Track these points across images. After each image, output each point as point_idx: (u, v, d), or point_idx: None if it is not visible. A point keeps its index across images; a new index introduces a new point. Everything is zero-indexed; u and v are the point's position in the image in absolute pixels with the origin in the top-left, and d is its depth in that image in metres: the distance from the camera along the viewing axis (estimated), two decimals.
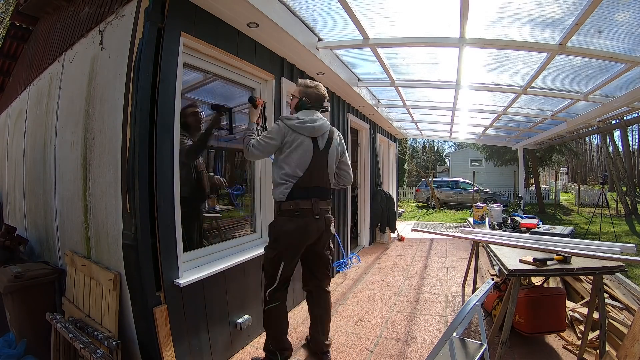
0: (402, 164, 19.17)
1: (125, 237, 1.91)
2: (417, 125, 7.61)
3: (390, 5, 2.54)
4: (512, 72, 3.56)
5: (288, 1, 2.54)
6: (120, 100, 1.95)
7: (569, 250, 2.30)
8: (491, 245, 2.64)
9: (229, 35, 2.44)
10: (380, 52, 3.31)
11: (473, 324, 2.77)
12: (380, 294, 3.70)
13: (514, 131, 7.19)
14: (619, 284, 3.33)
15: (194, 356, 2.09)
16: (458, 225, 9.59)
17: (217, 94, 2.79)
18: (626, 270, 2.10)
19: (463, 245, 6.09)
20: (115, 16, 2.13)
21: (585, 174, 31.97)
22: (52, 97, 2.95)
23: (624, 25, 2.43)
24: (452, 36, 2.78)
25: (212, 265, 2.29)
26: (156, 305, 1.86)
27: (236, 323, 2.46)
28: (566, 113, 4.86)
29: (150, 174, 1.85)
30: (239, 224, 2.94)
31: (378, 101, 5.62)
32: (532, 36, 2.70)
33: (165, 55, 1.91)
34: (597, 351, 2.21)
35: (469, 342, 1.77)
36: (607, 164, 15.14)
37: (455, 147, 28.19)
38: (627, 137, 18.52)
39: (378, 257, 5.42)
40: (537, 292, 2.53)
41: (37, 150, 3.25)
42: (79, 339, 1.89)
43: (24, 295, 2.44)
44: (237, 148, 3.01)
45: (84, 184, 2.36)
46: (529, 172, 16.02)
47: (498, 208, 3.60)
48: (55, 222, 2.87)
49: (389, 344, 2.61)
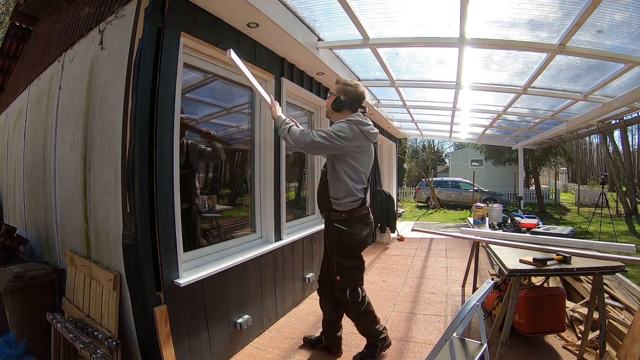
0: (402, 164, 19.17)
1: (125, 237, 1.91)
2: (417, 125, 7.61)
3: (390, 5, 2.53)
4: (512, 72, 3.56)
5: (288, 1, 2.54)
6: (120, 100, 1.95)
7: (569, 250, 2.30)
8: (491, 245, 2.64)
9: (229, 35, 2.44)
10: (380, 52, 3.31)
11: (473, 324, 2.77)
12: (380, 294, 3.70)
13: (514, 131, 7.19)
14: (619, 284, 3.33)
15: (194, 356, 2.09)
16: (458, 225, 9.59)
17: (217, 94, 2.79)
18: (626, 270, 2.10)
19: (463, 245, 6.09)
20: (115, 16, 2.13)
21: (585, 174, 31.98)
22: (52, 97, 2.95)
23: (624, 25, 2.43)
24: (452, 36, 2.78)
25: (212, 265, 2.29)
26: (156, 305, 1.86)
27: (236, 323, 2.46)
28: (566, 113, 4.85)
29: (150, 174, 1.85)
30: (239, 224, 2.94)
31: (378, 101, 5.62)
32: (532, 36, 2.69)
33: (165, 55, 1.91)
34: (597, 351, 2.21)
35: (469, 342, 1.77)
36: (607, 164, 15.13)
37: (455, 147, 28.21)
38: (627, 137, 18.56)
39: (378, 257, 5.42)
40: (537, 292, 2.53)
41: (37, 150, 3.25)
42: (79, 339, 1.89)
43: (24, 295, 2.44)
44: (237, 148, 3.01)
45: (84, 184, 2.36)
46: (528, 172, 16.02)
47: (498, 208, 3.60)
48: (55, 222, 2.87)
49: None
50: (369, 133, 2.17)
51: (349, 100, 2.20)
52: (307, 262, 3.58)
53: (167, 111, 1.94)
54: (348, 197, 2.13)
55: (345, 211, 2.14)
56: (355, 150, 2.12)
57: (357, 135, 2.10)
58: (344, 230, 2.15)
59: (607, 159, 13.95)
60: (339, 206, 2.15)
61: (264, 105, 2.82)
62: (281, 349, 2.53)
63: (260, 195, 2.97)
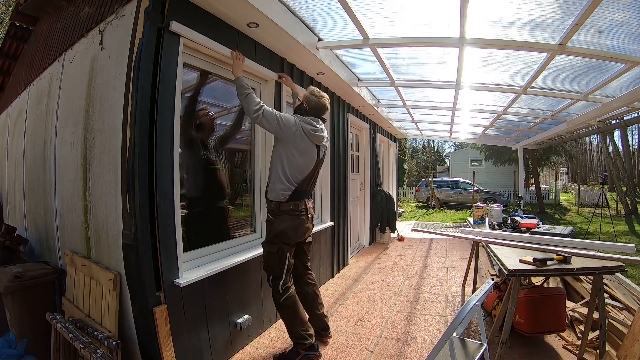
0: (402, 164, 19.17)
1: (125, 237, 1.91)
2: (417, 125, 7.61)
3: (390, 5, 2.53)
4: (512, 72, 3.55)
5: (288, 1, 2.54)
6: (120, 100, 1.95)
7: (569, 250, 2.30)
8: (491, 245, 2.64)
9: (229, 35, 2.43)
10: (380, 52, 3.31)
11: (473, 324, 2.77)
12: (380, 294, 3.70)
13: (514, 131, 7.19)
14: (619, 284, 3.33)
15: (194, 356, 2.09)
16: (458, 225, 9.59)
17: (217, 94, 2.79)
18: (626, 270, 2.10)
19: (463, 245, 6.09)
20: (115, 16, 2.13)
21: (585, 174, 31.98)
22: (52, 97, 2.95)
23: (624, 25, 2.43)
24: (452, 36, 2.78)
25: (212, 265, 2.29)
26: (156, 305, 1.86)
27: (236, 323, 2.46)
28: (566, 113, 4.86)
29: (150, 174, 1.85)
30: (239, 224, 2.94)
31: (378, 101, 5.62)
32: (532, 36, 2.69)
33: (165, 55, 1.91)
34: (597, 351, 2.21)
35: (469, 342, 1.77)
36: (607, 164, 15.13)
37: (455, 147, 28.21)
38: (627, 137, 18.53)
39: (378, 257, 5.42)
40: (537, 292, 2.53)
41: (37, 150, 3.25)
42: (79, 339, 1.89)
43: (24, 295, 2.44)
44: (237, 148, 3.01)
45: (84, 184, 2.36)
46: (528, 172, 16.02)
47: (498, 208, 3.60)
48: (55, 222, 2.87)
49: (389, 344, 2.61)
50: (310, 132, 2.29)
51: (309, 108, 2.41)
52: None
53: (167, 111, 1.93)
54: (276, 189, 2.28)
55: (274, 202, 2.31)
56: (292, 143, 2.25)
57: (298, 129, 2.25)
58: (270, 219, 2.35)
59: (607, 159, 13.95)
60: (270, 195, 2.33)
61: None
62: (281, 349, 2.53)
63: (261, 195, 2.97)
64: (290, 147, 2.26)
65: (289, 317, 2.35)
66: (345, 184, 4.80)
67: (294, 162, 2.27)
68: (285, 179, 2.27)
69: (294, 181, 2.28)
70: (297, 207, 2.31)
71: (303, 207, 2.35)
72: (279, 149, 2.31)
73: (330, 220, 4.22)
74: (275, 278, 2.31)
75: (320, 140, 2.37)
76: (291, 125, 2.25)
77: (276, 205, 2.30)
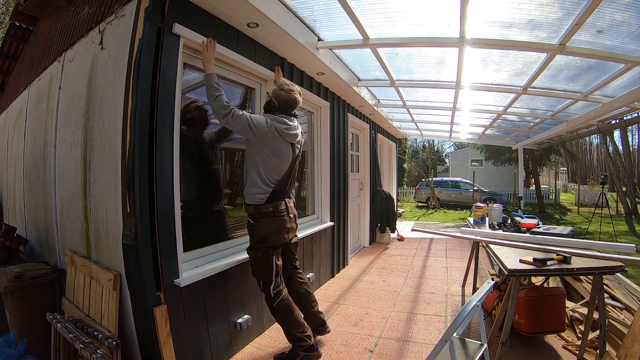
0: (402, 164, 19.17)
1: (125, 237, 1.91)
2: (417, 125, 7.61)
3: (390, 5, 2.53)
4: (512, 72, 3.55)
5: (288, 1, 2.54)
6: (120, 100, 1.95)
7: (569, 250, 2.30)
8: (491, 245, 2.64)
9: (228, 35, 2.43)
10: (380, 52, 3.31)
11: (473, 324, 2.77)
12: (380, 294, 3.70)
13: (514, 131, 7.19)
14: (619, 284, 3.33)
15: (194, 356, 2.09)
16: (458, 225, 9.59)
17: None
18: (626, 270, 2.10)
19: (463, 245, 6.09)
20: (115, 16, 2.13)
21: (585, 174, 31.97)
22: (52, 97, 2.95)
23: (624, 25, 2.43)
24: (452, 36, 2.78)
25: (212, 265, 2.29)
26: (156, 305, 1.86)
27: (236, 323, 2.46)
28: (566, 113, 4.86)
29: (150, 174, 1.85)
30: (239, 224, 2.94)
31: (378, 101, 5.62)
32: (532, 36, 2.69)
33: (165, 55, 1.91)
34: (597, 351, 2.21)
35: (469, 342, 1.77)
36: (607, 164, 15.14)
37: (455, 147, 28.21)
38: (627, 137, 18.55)
39: (378, 257, 5.42)
40: (537, 292, 2.53)
41: (37, 150, 3.25)
42: (79, 339, 1.89)
43: (24, 295, 2.44)
44: (237, 148, 3.01)
45: (84, 184, 2.36)
46: (528, 172, 16.03)
47: (498, 208, 3.60)
48: (55, 222, 2.87)
49: (389, 344, 2.61)
50: (283, 132, 2.22)
51: (278, 104, 2.30)
52: (307, 262, 3.57)
53: (167, 111, 1.93)
54: (254, 193, 2.22)
55: (252, 205, 2.24)
56: (265, 145, 2.18)
57: (270, 130, 2.17)
58: (250, 224, 2.29)
59: (607, 159, 13.96)
60: (248, 199, 2.26)
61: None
62: (281, 349, 2.53)
63: None
64: (264, 149, 2.19)
65: (285, 320, 2.32)
66: (345, 184, 4.80)
67: (269, 164, 2.21)
68: (262, 181, 2.20)
69: (271, 182, 2.23)
70: (276, 208, 2.25)
71: (283, 207, 2.28)
72: (252, 152, 2.23)
73: (330, 220, 4.22)
74: (266, 283, 2.28)
75: (295, 138, 2.29)
76: (263, 126, 2.16)
77: (255, 209, 2.23)
